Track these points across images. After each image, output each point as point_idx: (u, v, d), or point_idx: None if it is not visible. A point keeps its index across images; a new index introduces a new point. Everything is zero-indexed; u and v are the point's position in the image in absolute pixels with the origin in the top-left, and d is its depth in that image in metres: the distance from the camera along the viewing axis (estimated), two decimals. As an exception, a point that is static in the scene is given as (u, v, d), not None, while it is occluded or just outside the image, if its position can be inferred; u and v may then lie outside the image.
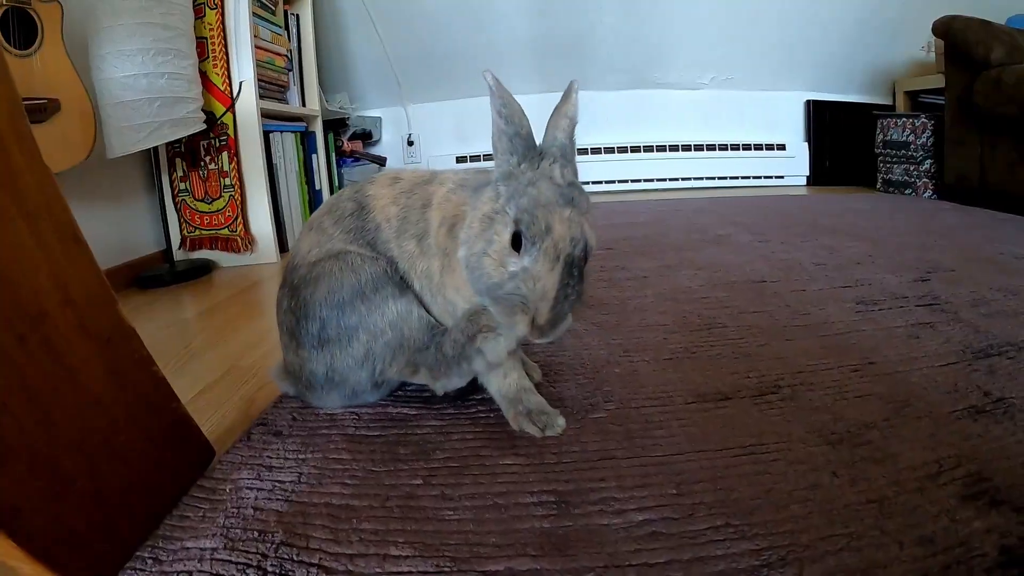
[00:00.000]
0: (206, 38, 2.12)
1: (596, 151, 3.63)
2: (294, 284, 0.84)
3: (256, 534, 0.61)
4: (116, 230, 2.05)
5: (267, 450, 0.77)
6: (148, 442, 0.66)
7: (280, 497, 0.67)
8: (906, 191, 3.14)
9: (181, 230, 2.22)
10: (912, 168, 3.09)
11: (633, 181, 3.68)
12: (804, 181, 3.76)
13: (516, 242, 0.67)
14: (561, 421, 0.80)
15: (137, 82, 1.79)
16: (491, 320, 0.76)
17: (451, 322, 0.82)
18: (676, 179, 3.69)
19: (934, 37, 2.88)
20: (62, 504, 0.54)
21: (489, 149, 0.73)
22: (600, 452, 0.73)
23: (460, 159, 3.59)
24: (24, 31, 1.58)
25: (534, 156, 0.71)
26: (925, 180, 3.04)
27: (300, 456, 0.75)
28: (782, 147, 3.70)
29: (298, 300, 0.83)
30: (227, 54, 2.14)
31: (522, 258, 0.67)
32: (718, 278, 1.51)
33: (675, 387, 0.90)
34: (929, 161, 3.01)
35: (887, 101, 3.65)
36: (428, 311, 0.84)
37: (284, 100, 2.56)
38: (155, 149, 2.07)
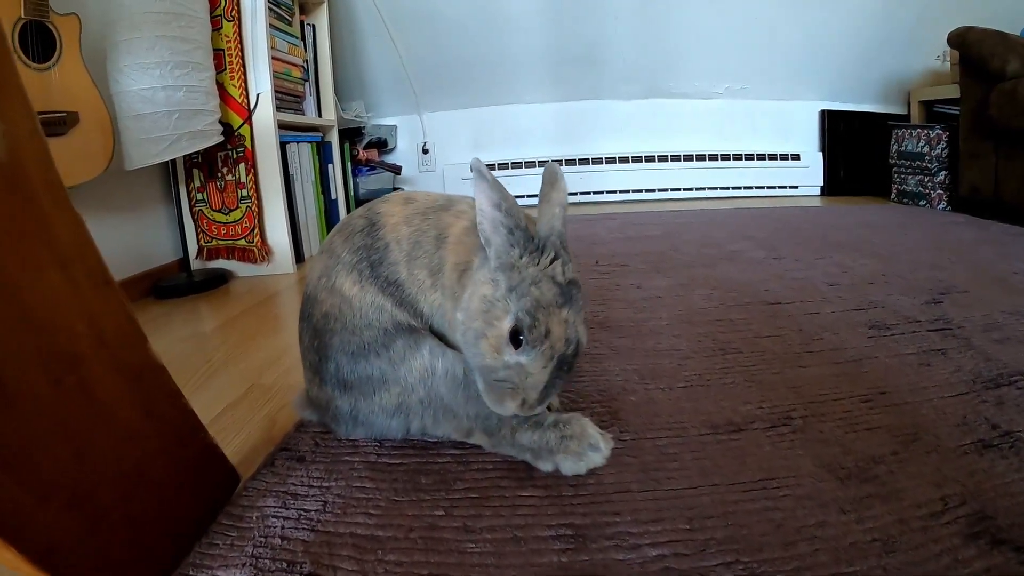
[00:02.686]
0: (223, 50, 2.15)
1: (610, 160, 3.64)
2: (315, 325, 0.84)
3: (285, 564, 0.63)
4: (134, 240, 2.08)
5: (291, 477, 0.80)
6: (179, 472, 0.68)
7: (306, 527, 0.69)
8: (920, 202, 3.13)
9: (198, 240, 2.25)
10: (927, 179, 3.08)
11: (647, 191, 3.69)
12: (818, 191, 3.75)
13: (514, 336, 0.70)
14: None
15: (155, 95, 1.82)
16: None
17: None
18: (690, 189, 3.69)
19: (949, 47, 2.87)
20: (99, 536, 0.57)
21: (504, 158, 0.76)
22: (616, 485, 0.75)
23: (475, 167, 3.58)
24: (43, 44, 1.61)
25: (534, 250, 0.73)
26: (939, 192, 3.02)
27: (324, 484, 0.77)
28: (796, 157, 3.70)
29: (321, 342, 0.83)
30: (244, 66, 2.17)
31: (519, 354, 0.70)
32: (732, 298, 1.52)
33: (689, 417, 0.92)
34: (944, 173, 2.99)
35: (902, 111, 3.64)
36: (443, 336, 0.84)
37: (300, 111, 2.58)
38: (173, 160, 2.10)
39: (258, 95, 2.18)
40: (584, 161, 3.64)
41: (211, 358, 1.35)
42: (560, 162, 3.60)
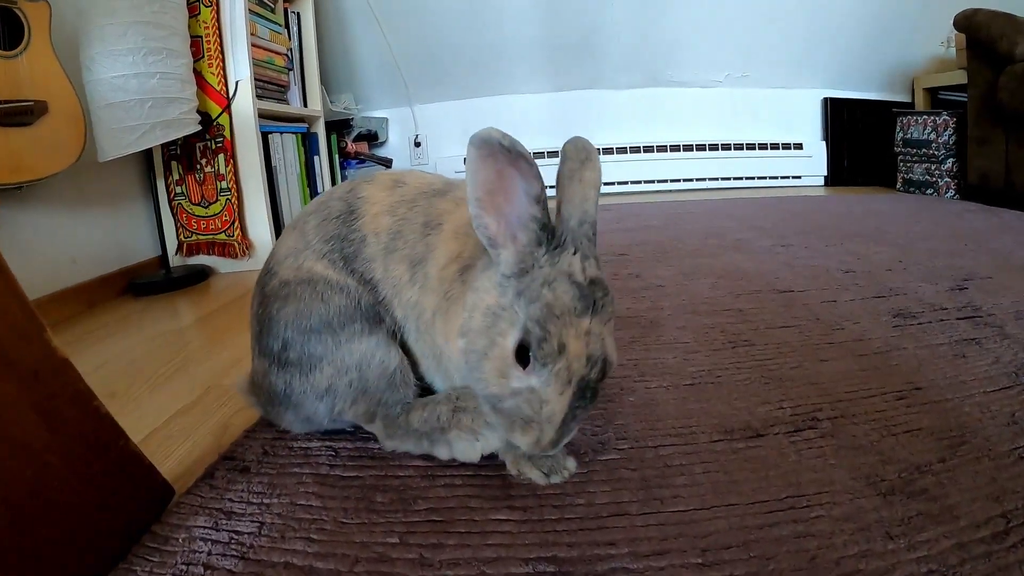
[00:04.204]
0: (201, 36, 2.04)
1: (607, 151, 3.52)
2: (265, 292, 0.76)
3: (204, 602, 0.52)
4: (110, 235, 1.97)
5: (230, 491, 0.68)
6: (89, 487, 0.57)
7: (235, 553, 0.58)
8: (927, 191, 3.02)
9: (178, 235, 2.14)
10: (933, 167, 2.97)
11: (646, 182, 3.57)
12: (822, 181, 3.63)
13: (522, 353, 0.58)
14: (571, 464, 0.69)
15: (128, 83, 1.72)
16: (473, 420, 0.68)
17: (433, 365, 0.73)
18: (690, 179, 3.58)
19: (954, 32, 2.76)
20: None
21: None
22: (611, 506, 0.63)
23: (468, 160, 3.48)
24: (10, 31, 1.51)
25: (552, 241, 0.59)
26: (947, 180, 2.92)
27: (265, 501, 0.66)
28: (799, 146, 3.58)
29: (265, 311, 0.74)
30: (223, 53, 2.06)
31: (529, 376, 0.57)
32: (740, 287, 1.40)
33: (698, 421, 0.80)
34: (951, 160, 2.89)
35: (906, 98, 3.53)
36: (405, 345, 0.74)
37: (284, 100, 2.48)
38: (150, 151, 2.00)
39: (237, 83, 2.08)
40: (581, 152, 3.50)
41: (174, 357, 1.24)
42: (556, 154, 3.46)
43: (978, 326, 1.10)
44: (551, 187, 0.59)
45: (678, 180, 3.58)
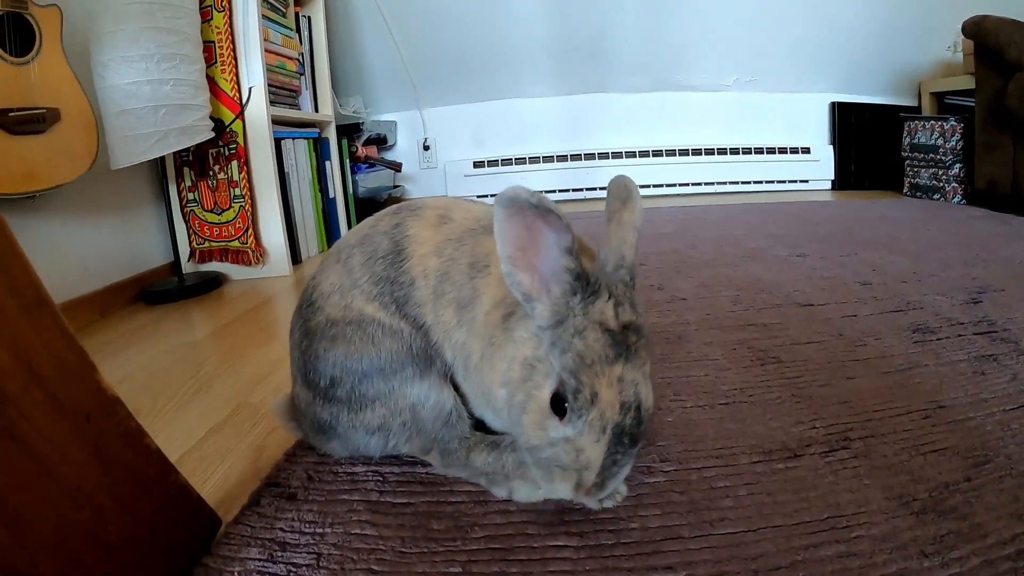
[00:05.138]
0: (213, 42, 2.03)
1: (616, 155, 3.51)
2: (309, 326, 0.75)
3: (269, 640, 0.52)
4: (123, 243, 1.96)
5: (280, 520, 0.68)
6: (142, 526, 0.57)
7: (295, 586, 0.58)
8: (934, 196, 3.02)
9: (190, 242, 2.14)
10: (940, 172, 2.97)
11: (655, 186, 3.56)
12: (829, 185, 3.63)
13: (558, 404, 0.58)
14: (623, 488, 0.69)
15: (141, 89, 1.71)
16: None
17: (483, 402, 0.73)
18: (699, 184, 3.57)
19: (961, 37, 2.76)
20: (37, 619, 0.45)
21: (507, 154, 0.61)
22: (663, 530, 0.64)
23: (478, 164, 3.49)
24: (21, 37, 1.50)
25: (587, 288, 0.59)
26: (954, 185, 2.91)
27: (318, 530, 0.66)
28: (807, 150, 3.58)
29: (311, 347, 0.74)
30: (236, 58, 2.06)
31: (565, 426, 0.58)
32: (761, 300, 1.41)
33: (736, 442, 0.80)
34: (958, 166, 2.88)
35: (913, 103, 3.52)
36: (455, 382, 0.74)
37: (296, 105, 2.47)
38: (162, 158, 1.98)
39: (250, 89, 2.07)
40: (589, 156, 3.51)
41: (197, 372, 1.24)
42: (565, 157, 3.50)
43: (994, 342, 1.11)
44: (558, 191, 0.60)
45: (687, 184, 3.58)
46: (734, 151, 3.56)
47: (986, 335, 1.14)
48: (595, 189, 3.53)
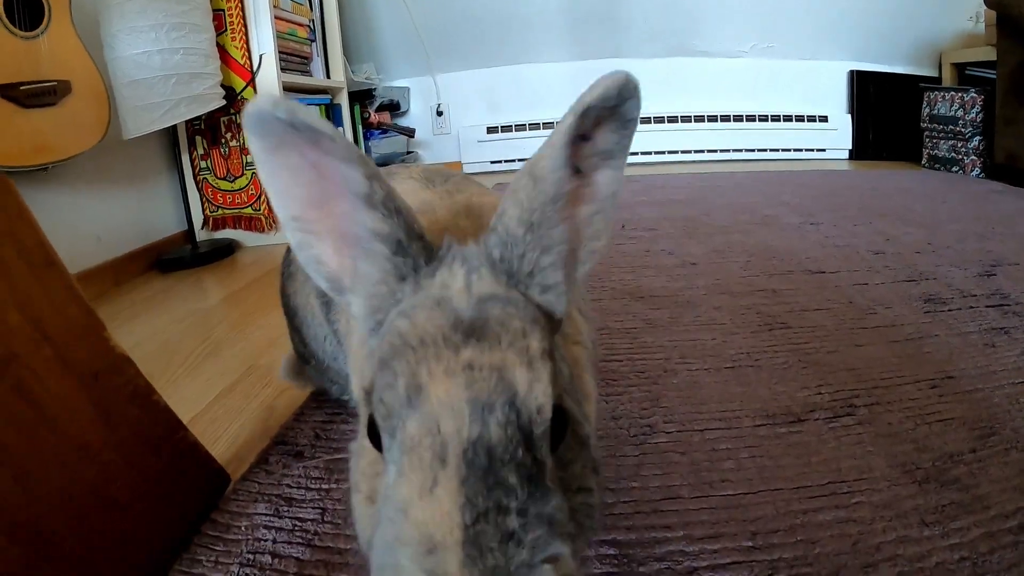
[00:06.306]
0: (223, 10, 2.01)
1: (631, 121, 3.47)
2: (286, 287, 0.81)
3: (273, 591, 0.54)
4: (136, 212, 1.98)
5: (287, 477, 0.70)
6: (149, 482, 0.58)
7: (300, 540, 0.59)
8: (953, 168, 2.94)
9: (204, 210, 2.15)
10: (960, 145, 2.89)
11: (670, 152, 3.52)
12: (846, 155, 3.55)
13: (371, 430, 0.34)
14: None
15: (151, 59, 1.70)
16: None
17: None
18: (714, 151, 3.52)
19: (984, 7, 2.67)
20: (48, 570, 0.47)
21: (520, 119, 0.56)
22: (663, 489, 0.64)
23: (491, 129, 3.46)
24: (31, 11, 1.49)
25: (425, 260, 0.37)
26: (973, 158, 2.83)
27: (323, 486, 0.67)
28: (824, 119, 3.50)
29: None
30: (246, 26, 2.04)
31: (386, 472, 0.33)
32: (772, 266, 1.40)
33: (740, 404, 0.80)
34: (978, 138, 2.80)
35: (933, 73, 3.41)
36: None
37: (307, 72, 2.46)
38: (174, 127, 1.99)
39: (261, 56, 2.06)
40: (603, 122, 3.46)
41: (209, 336, 1.26)
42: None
43: (1007, 315, 1.10)
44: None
45: (702, 151, 3.52)
46: (750, 118, 3.49)
47: (998, 308, 1.13)
48: (608, 155, 3.48)
